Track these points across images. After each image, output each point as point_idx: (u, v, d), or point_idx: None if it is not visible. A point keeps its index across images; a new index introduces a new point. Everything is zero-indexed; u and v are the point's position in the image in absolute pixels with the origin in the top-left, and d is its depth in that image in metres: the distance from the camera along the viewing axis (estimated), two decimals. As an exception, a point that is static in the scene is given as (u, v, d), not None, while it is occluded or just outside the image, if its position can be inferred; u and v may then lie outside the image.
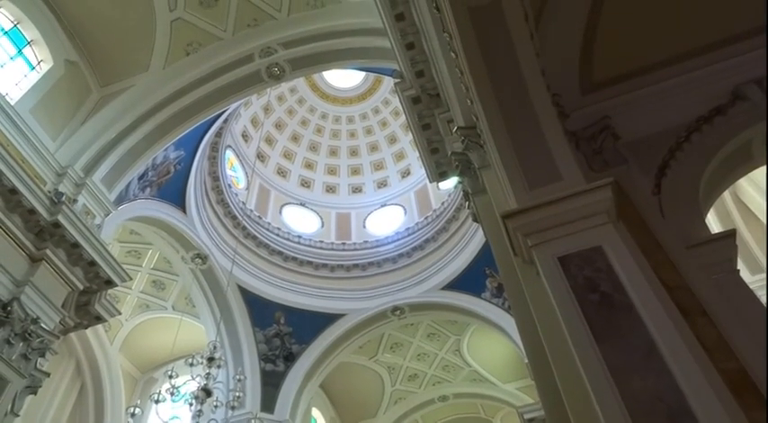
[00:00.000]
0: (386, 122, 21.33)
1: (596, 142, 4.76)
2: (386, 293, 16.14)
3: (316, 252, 17.91)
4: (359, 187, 21.08)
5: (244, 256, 15.87)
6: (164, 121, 10.44)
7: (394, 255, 17.69)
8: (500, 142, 4.27)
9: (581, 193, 3.72)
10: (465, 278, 15.22)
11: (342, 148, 21.69)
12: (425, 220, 17.85)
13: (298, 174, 20.84)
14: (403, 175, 20.80)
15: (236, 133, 18.45)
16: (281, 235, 17.87)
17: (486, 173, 5.58)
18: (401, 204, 19.81)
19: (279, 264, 17.20)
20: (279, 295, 15.85)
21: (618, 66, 4.92)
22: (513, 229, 3.86)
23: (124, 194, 10.74)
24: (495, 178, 4.93)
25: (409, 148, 20.57)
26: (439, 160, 7.70)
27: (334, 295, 16.35)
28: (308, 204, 20.07)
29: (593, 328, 3.12)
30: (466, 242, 15.62)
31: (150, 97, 10.32)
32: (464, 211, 15.46)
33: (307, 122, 21.39)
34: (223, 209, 15.72)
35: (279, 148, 20.62)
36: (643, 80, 4.89)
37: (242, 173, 18.67)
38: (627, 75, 4.93)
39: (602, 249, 3.46)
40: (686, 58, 4.77)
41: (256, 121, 19.42)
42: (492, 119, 4.34)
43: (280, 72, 10.51)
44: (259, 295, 15.40)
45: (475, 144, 5.77)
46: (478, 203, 6.10)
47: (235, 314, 14.67)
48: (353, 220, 19.81)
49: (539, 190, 3.94)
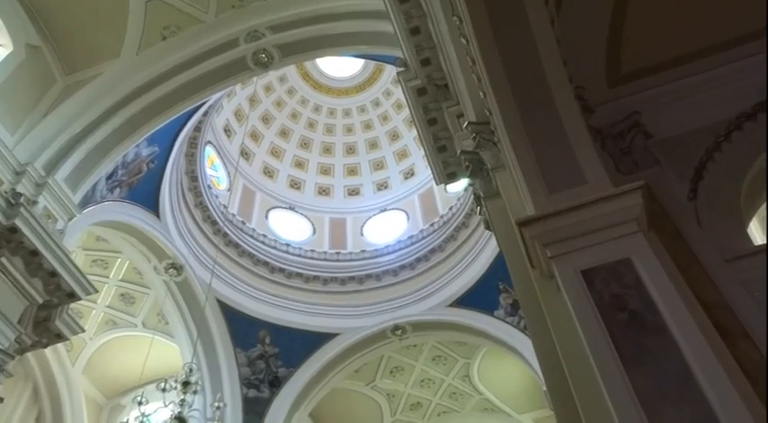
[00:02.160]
0: (387, 116, 21.35)
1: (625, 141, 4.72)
2: (385, 310, 15.99)
3: (306, 262, 17.50)
4: (356, 189, 21.07)
5: (224, 267, 15.73)
6: (136, 113, 10.39)
7: (395, 266, 17.66)
8: (516, 140, 4.24)
9: (607, 198, 3.70)
10: (475, 294, 14.87)
11: (337, 144, 21.68)
12: (431, 227, 17.85)
13: (287, 174, 20.83)
14: (406, 176, 20.80)
15: (217, 128, 18.48)
16: (268, 243, 17.84)
17: (500, 174, 5.56)
18: (403, 209, 19.78)
19: (264, 275, 16.75)
20: (264, 311, 15.75)
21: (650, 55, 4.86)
22: (530, 239, 3.84)
23: (90, 196, 10.69)
24: (511, 180, 4.91)
25: (413, 145, 20.57)
26: (447, 159, 7.67)
27: (327, 312, 16.22)
28: (298, 208, 20.06)
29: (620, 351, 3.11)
30: (477, 253, 15.58)
31: (121, 87, 10.24)
32: (475, 218, 15.45)
33: (297, 116, 21.41)
34: (202, 213, 15.57)
35: (266, 144, 20.62)
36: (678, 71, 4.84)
37: (224, 172, 18.66)
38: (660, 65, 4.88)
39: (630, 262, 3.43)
40: (727, 47, 4.72)
41: (241, 115, 19.45)
42: (507, 113, 4.32)
43: (268, 59, 10.48)
44: (241, 311, 15.31)
45: (488, 142, 5.75)
46: (491, 209, 6.09)
47: (213, 333, 14.63)
48: (349, 227, 19.79)
49: (559, 194, 3.92)
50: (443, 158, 7.71)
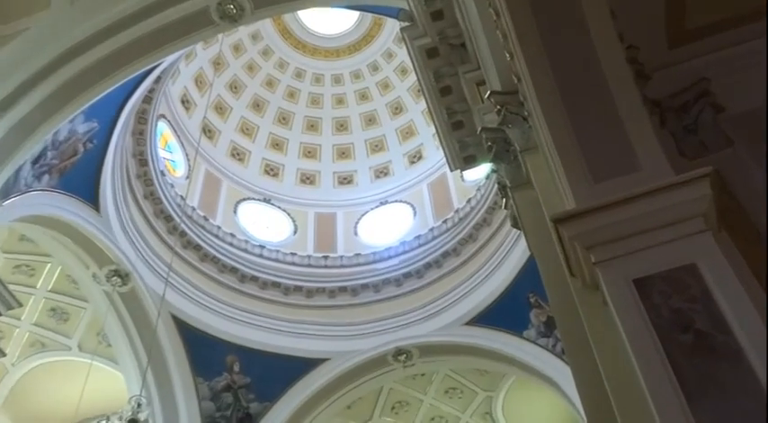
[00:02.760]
0: (388, 84, 21.28)
1: (689, 116, 4.70)
2: (386, 330, 15.88)
3: (286, 269, 17.32)
4: (348, 177, 21.03)
5: (182, 275, 15.60)
6: (70, 79, 10.28)
7: (398, 274, 17.64)
8: (552, 114, 4.22)
9: (667, 188, 3.67)
10: (500, 309, 14.75)
11: (324, 120, 21.60)
12: (444, 224, 17.83)
13: (261, 157, 20.76)
14: (412, 159, 20.76)
15: (173, 98, 18.40)
16: (237, 244, 17.79)
17: (531, 157, 5.55)
18: (409, 202, 19.76)
19: (232, 286, 16.58)
20: (232, 331, 15.64)
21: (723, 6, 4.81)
22: (569, 240, 3.83)
23: (12, 185, 10.64)
24: (545, 165, 4.88)
25: (421, 121, 20.52)
26: (464, 139, 7.65)
27: (312, 331, 16.14)
28: (274, 201, 20.02)
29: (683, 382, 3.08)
30: (501, 257, 15.56)
31: (51, 46, 10.13)
32: (499, 213, 15.43)
33: (274, 83, 21.32)
34: (153, 206, 15.45)
35: (234, 119, 20.55)
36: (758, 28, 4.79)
37: (181, 154, 18.60)
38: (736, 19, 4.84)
39: (696, 269, 3.40)
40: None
41: (202, 82, 19.38)
42: (541, 80, 4.29)
43: (237, 11, 10.42)
44: (203, 331, 15.26)
45: (516, 116, 5.73)
46: (520, 201, 6.08)
47: (168, 357, 14.57)
48: (340, 225, 19.79)
49: (607, 184, 3.90)
50: (459, 137, 7.68)
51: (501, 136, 6.24)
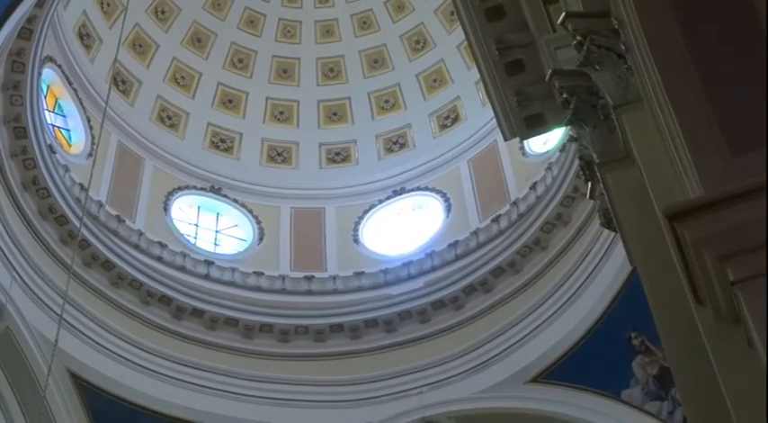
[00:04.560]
0: (404, 4, 21.43)
1: None
2: (405, 391, 16.43)
3: (246, 298, 17.88)
4: (343, 151, 20.97)
5: (84, 308, 16.05)
6: None
7: (423, 303, 17.53)
8: (665, 50, 4.35)
9: None
10: (584, 358, 15.14)
11: (304, 59, 21.42)
12: (494, 224, 17.68)
13: (205, 121, 20.76)
14: (443, 122, 20.71)
15: (65, 30, 18.31)
16: (169, 260, 17.74)
17: (631, 117, 5.62)
18: (439, 190, 19.84)
19: (163, 324, 17.08)
20: (161, 395, 16.40)
21: None
22: (693, 245, 3.91)
23: None
24: (655, 129, 4.96)
25: (457, 60, 20.55)
26: (525, 89, 7.72)
27: (290, 396, 16.78)
28: (227, 190, 20.17)
29: None
30: (587, 275, 15.57)
31: None
32: (582, 205, 15.54)
33: (223, 5, 21.51)
34: (37, 201, 15.89)
35: (162, 61, 20.51)
36: None
37: (79, 119, 18.62)
38: None
39: None
40: None
41: (110, 2, 19.37)
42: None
43: None
44: (116, 394, 15.98)
45: (607, 52, 5.80)
46: (615, 187, 6.15)
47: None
48: (331, 226, 19.85)
49: (749, 158, 3.98)
50: (518, 87, 7.68)
51: (583, 84, 6.29)
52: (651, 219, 5.09)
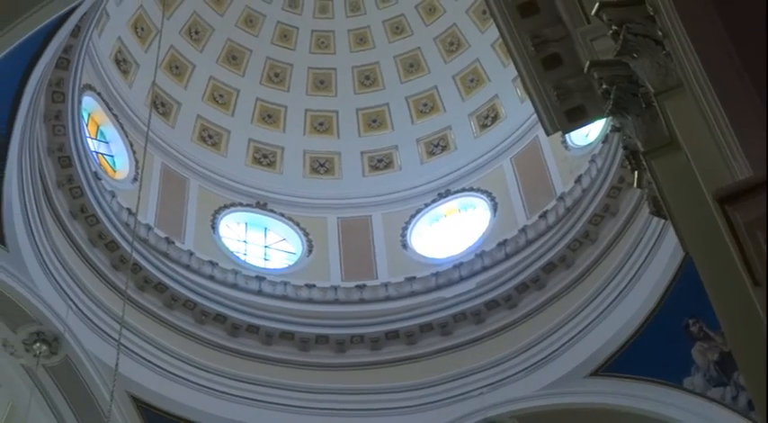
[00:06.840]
0: (435, 6, 21.30)
1: None
2: (465, 394, 16.41)
3: (300, 311, 17.88)
4: (385, 157, 20.88)
5: (141, 332, 16.15)
6: None
7: (477, 304, 17.38)
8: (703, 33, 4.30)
9: None
10: (643, 348, 14.91)
11: (340, 69, 21.49)
12: (542, 220, 17.49)
13: (246, 137, 20.84)
14: (483, 121, 20.57)
15: (101, 57, 18.60)
16: (221, 278, 17.81)
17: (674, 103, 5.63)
18: (484, 190, 19.69)
19: (219, 342, 17.08)
20: (220, 412, 16.50)
21: None
22: (745, 226, 3.86)
23: None
24: (699, 113, 4.91)
25: (493, 59, 20.46)
26: (564, 82, 7.66)
27: (348, 405, 16.87)
28: (273, 204, 20.19)
29: None
30: (639, 264, 15.39)
31: None
32: (629, 194, 15.35)
33: (257, 20, 21.52)
34: (87, 228, 16.01)
35: (199, 80, 20.65)
36: None
37: (122, 144, 18.80)
38: None
39: None
40: None
41: (145, 26, 19.57)
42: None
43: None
44: (177, 415, 16.20)
45: (644, 40, 5.80)
46: (662, 173, 6.14)
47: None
48: (379, 234, 19.82)
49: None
50: (557, 81, 7.62)
51: (622, 73, 6.27)
52: (701, 203, 5.03)
